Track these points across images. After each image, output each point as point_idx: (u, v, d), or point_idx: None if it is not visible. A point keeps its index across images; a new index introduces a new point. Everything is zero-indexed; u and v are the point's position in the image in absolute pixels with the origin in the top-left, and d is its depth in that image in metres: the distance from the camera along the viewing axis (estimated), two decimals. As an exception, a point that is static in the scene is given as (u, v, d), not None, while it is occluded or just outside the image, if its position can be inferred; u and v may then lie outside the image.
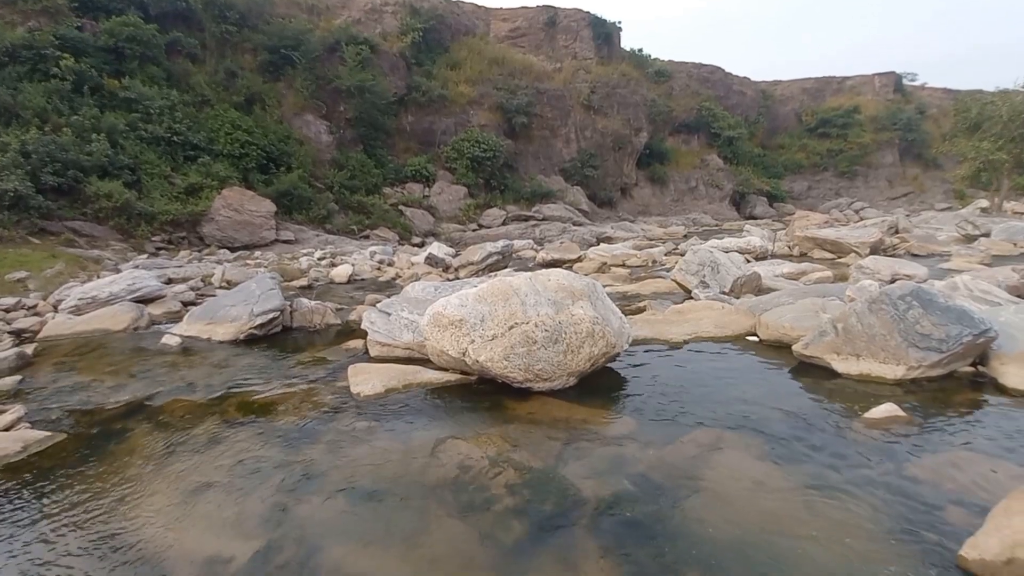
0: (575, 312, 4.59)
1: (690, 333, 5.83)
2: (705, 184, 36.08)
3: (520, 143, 30.12)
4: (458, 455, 3.53)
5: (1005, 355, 4.57)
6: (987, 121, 22.86)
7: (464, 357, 4.51)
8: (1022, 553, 2.33)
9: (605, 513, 2.88)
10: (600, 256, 12.82)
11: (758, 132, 42.42)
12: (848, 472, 3.17)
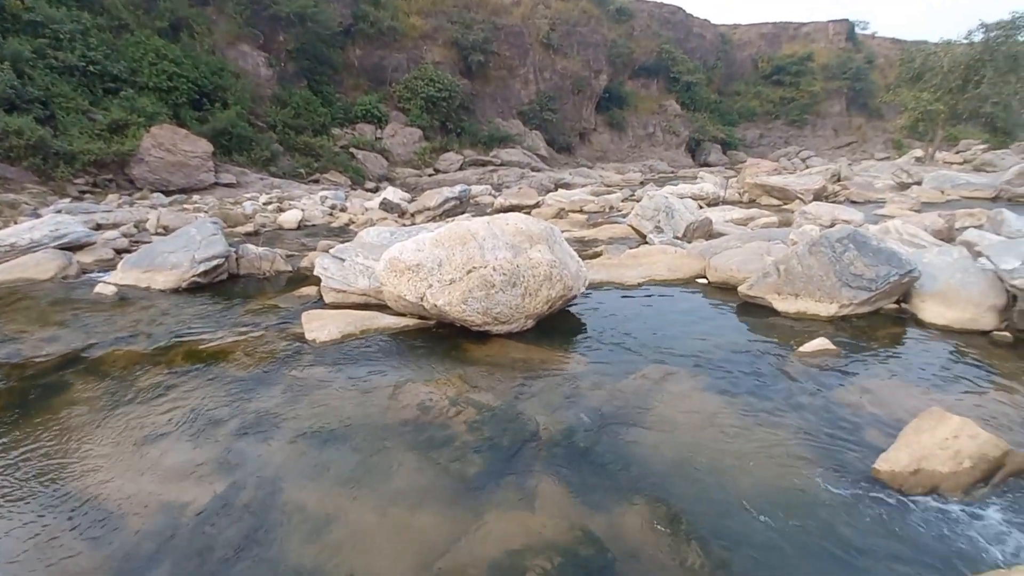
0: (533, 256, 4.60)
1: (644, 276, 6.00)
2: (663, 130, 36.14)
3: (477, 83, 28.88)
4: (418, 397, 3.57)
5: (925, 293, 4.98)
6: (929, 72, 23.70)
7: (422, 302, 4.48)
8: (926, 465, 2.65)
9: (561, 445, 3.02)
10: (558, 202, 12.79)
11: (716, 78, 42.40)
12: (782, 399, 3.45)
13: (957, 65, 22.55)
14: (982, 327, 4.54)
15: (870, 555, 2.24)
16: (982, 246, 5.53)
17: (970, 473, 2.62)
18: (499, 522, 2.48)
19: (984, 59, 21.79)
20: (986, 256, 5.03)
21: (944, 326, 4.61)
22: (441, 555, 2.27)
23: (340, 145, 23.05)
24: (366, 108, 25.24)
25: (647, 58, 37.35)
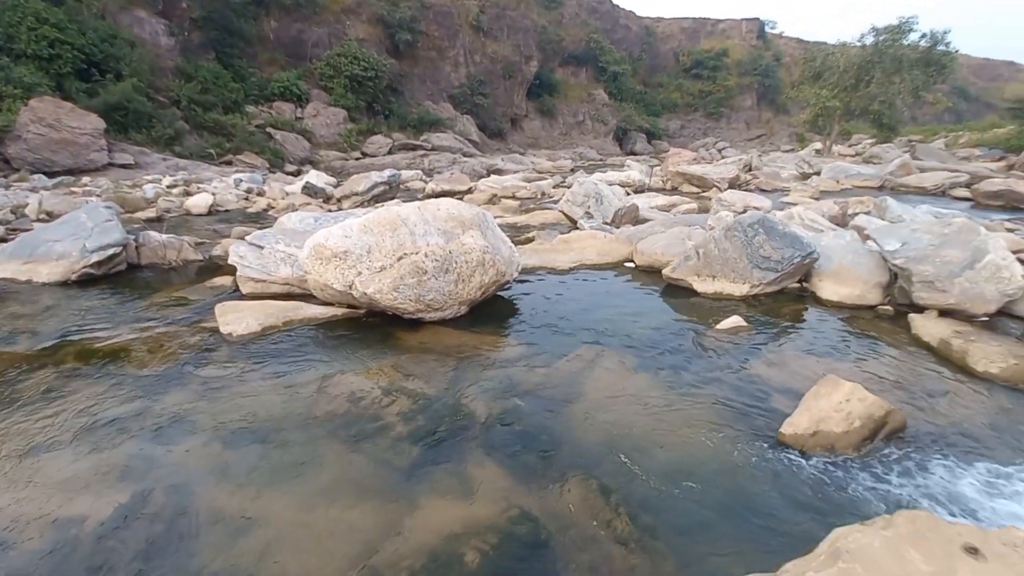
0: (465, 241, 4.55)
1: (575, 261, 6.14)
2: (591, 119, 37.00)
3: (405, 64, 27.94)
4: (348, 389, 3.44)
5: (823, 272, 5.49)
6: (827, 71, 25.92)
7: (350, 290, 4.30)
8: (823, 427, 2.94)
9: (497, 430, 3.04)
10: (491, 188, 12.75)
11: (640, 69, 43.91)
12: (700, 373, 3.68)
13: (851, 65, 24.84)
14: (869, 302, 5.09)
15: (776, 510, 2.45)
16: (869, 230, 6.17)
17: (860, 432, 2.94)
18: (436, 510, 2.45)
19: (874, 61, 24.17)
20: (873, 239, 5.63)
21: (838, 302, 5.12)
22: (376, 549, 2.21)
23: (255, 124, 21.45)
24: (284, 85, 23.63)
25: (576, 46, 37.93)
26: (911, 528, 1.65)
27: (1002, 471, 2.73)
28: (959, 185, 13.51)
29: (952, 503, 2.51)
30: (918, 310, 4.74)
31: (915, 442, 2.97)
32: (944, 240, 5.07)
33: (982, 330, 4.39)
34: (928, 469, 2.74)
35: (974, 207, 11.20)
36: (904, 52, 23.55)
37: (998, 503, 2.53)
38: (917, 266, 4.87)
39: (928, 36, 23.61)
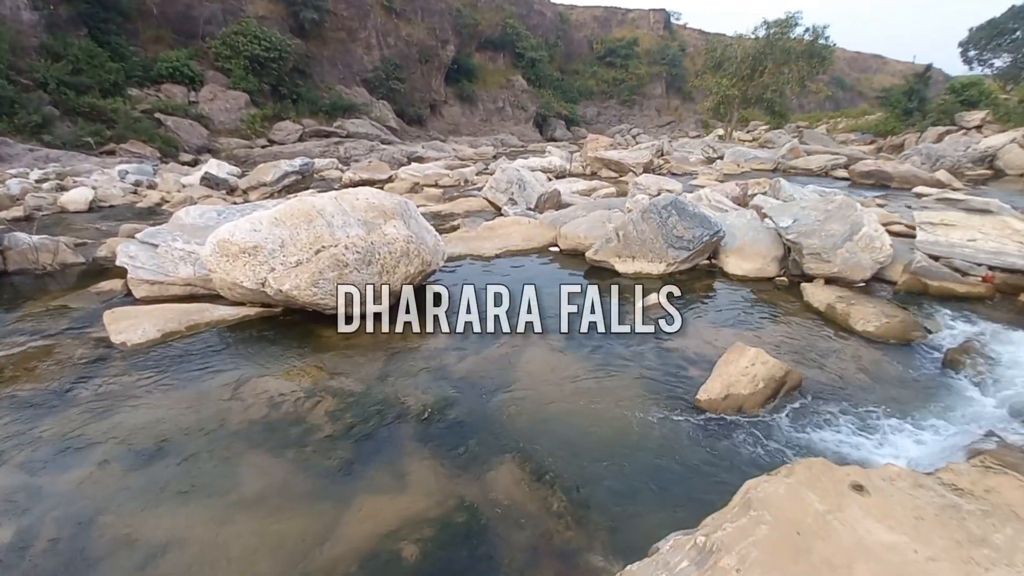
0: (388, 232, 4.40)
1: (501, 247, 6.16)
2: (512, 105, 37.09)
3: (313, 45, 26.29)
4: (267, 393, 3.22)
5: (729, 249, 5.92)
6: (727, 61, 27.81)
7: (264, 288, 4.02)
8: (733, 390, 3.19)
9: (430, 421, 3.00)
10: (412, 176, 12.42)
11: (557, 56, 44.55)
12: (625, 350, 3.85)
13: (747, 56, 26.82)
14: (768, 275, 5.58)
15: (697, 469, 2.64)
16: (766, 209, 6.74)
17: (764, 392, 3.22)
18: (370, 508, 2.38)
19: (766, 52, 26.25)
20: (769, 217, 6.16)
21: (742, 276, 5.56)
22: (306, 555, 2.11)
23: (141, 109, 19.26)
24: (173, 66, 21.34)
25: (492, 31, 37.69)
26: (808, 474, 1.84)
27: (880, 415, 3.12)
28: (839, 166, 15.13)
29: (842, 447, 2.84)
30: (808, 279, 5.28)
31: (810, 396, 3.31)
32: (828, 216, 5.66)
33: (860, 294, 4.97)
34: (821, 419, 3.08)
35: (851, 186, 12.60)
36: (791, 45, 25.82)
37: (878, 444, 2.89)
38: (806, 240, 5.40)
39: (811, 30, 26.03)
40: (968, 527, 1.72)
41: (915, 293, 5.19)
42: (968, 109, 22.04)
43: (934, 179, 12.51)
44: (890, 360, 3.85)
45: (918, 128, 22.64)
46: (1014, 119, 20.31)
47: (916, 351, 4.00)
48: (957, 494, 1.88)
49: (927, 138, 20.69)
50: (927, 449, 2.77)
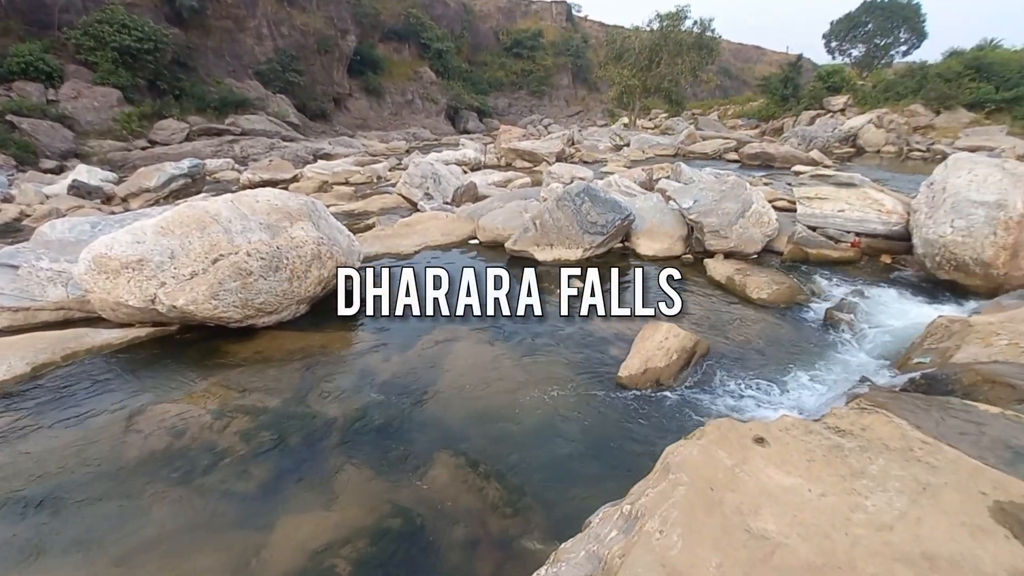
0: (295, 234, 4.14)
1: (420, 243, 6.04)
2: (421, 98, 36.32)
3: (194, 35, 23.99)
4: (167, 422, 2.92)
5: (639, 231, 6.25)
6: (626, 53, 29.16)
7: (155, 305, 3.63)
8: (651, 365, 3.37)
9: (356, 428, 2.88)
10: (319, 174, 11.78)
11: (464, 47, 44.21)
12: (549, 336, 3.95)
13: (644, 48, 28.29)
14: (675, 253, 5.95)
15: (623, 443, 2.77)
16: (670, 191, 7.17)
17: (678, 363, 3.44)
18: (297, 529, 2.25)
19: (661, 44, 27.83)
20: (673, 199, 6.57)
21: (653, 256, 5.89)
22: (227, 590, 1.96)
23: (-13, 110, 16.57)
24: (25, 60, 18.53)
25: (395, 21, 36.55)
26: (717, 433, 2.00)
27: (776, 372, 3.46)
28: (730, 150, 16.47)
29: (747, 405, 3.11)
30: (710, 255, 5.71)
31: (718, 363, 3.59)
32: (723, 195, 6.14)
33: (754, 265, 5.46)
34: (729, 382, 3.35)
35: (741, 167, 13.77)
36: (683, 37, 27.58)
37: (776, 397, 3.20)
38: (706, 219, 5.83)
39: (698, 23, 27.95)
40: (850, 462, 1.96)
41: (799, 261, 5.80)
42: (833, 94, 24.86)
43: (809, 158, 14.01)
44: (781, 322, 4.27)
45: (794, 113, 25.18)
46: (870, 102, 23.23)
47: (802, 312, 4.48)
48: (840, 435, 2.13)
49: (802, 121, 23.10)
50: (815, 398, 3.12)
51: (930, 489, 1.80)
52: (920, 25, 30.72)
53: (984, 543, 1.59)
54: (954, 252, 4.81)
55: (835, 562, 1.51)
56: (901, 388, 2.92)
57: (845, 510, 1.72)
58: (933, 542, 1.59)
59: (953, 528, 1.64)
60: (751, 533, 1.60)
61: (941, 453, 2.01)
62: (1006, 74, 20.77)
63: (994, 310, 3.95)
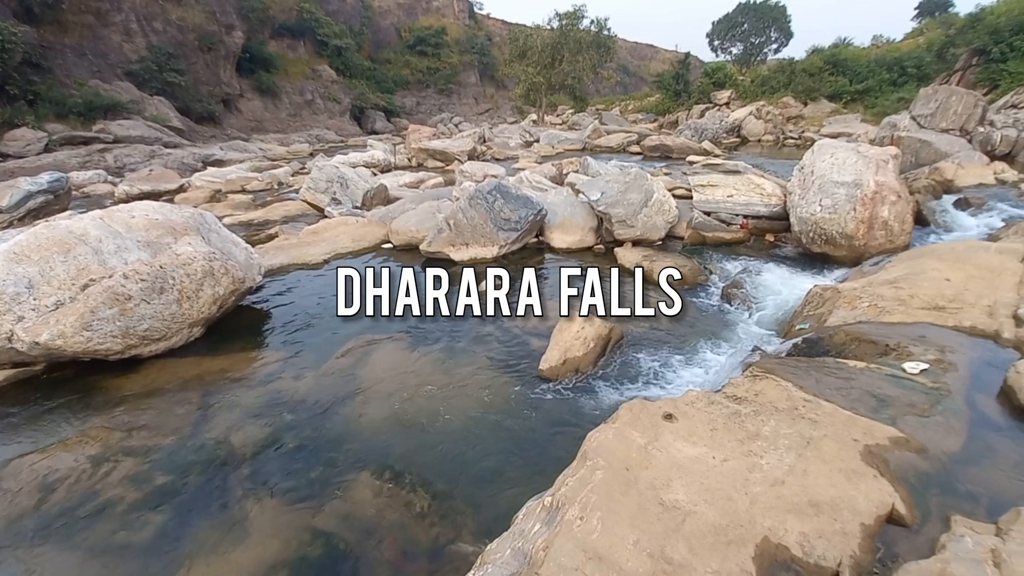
0: (181, 251, 3.77)
1: (329, 251, 5.74)
2: (322, 97, 34.55)
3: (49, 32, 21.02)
4: (39, 475, 2.54)
5: (552, 225, 6.39)
6: (529, 51, 29.68)
7: (12, 343, 3.14)
8: (569, 355, 3.46)
9: (267, 456, 2.68)
10: (211, 183, 10.81)
11: (365, 44, 42.64)
12: (468, 335, 3.93)
13: (546, 46, 28.94)
14: (587, 244, 6.17)
15: (548, 435, 2.82)
16: (579, 185, 7.40)
17: (595, 351, 3.57)
18: (203, 574, 2.05)
19: (561, 42, 28.64)
20: (582, 192, 6.79)
21: (566, 248, 6.07)
22: (121, 657, 1.74)
23: None
24: None
25: (286, 16, 34.36)
26: (630, 414, 2.09)
27: (683, 350, 3.70)
28: (633, 143, 17.37)
29: (659, 383, 3.29)
30: (619, 244, 5.98)
31: (632, 346, 3.77)
32: (627, 187, 6.45)
33: (659, 251, 5.80)
34: (642, 363, 3.53)
35: (643, 159, 14.59)
36: (581, 35, 28.59)
37: (684, 374, 3.42)
38: (613, 209, 6.09)
39: (595, 22, 29.13)
40: (746, 427, 2.14)
41: (698, 244, 6.25)
42: (718, 89, 27.05)
43: (701, 148, 15.16)
44: (687, 302, 4.57)
45: (686, 107, 27.10)
46: (750, 96, 25.56)
47: (702, 291, 4.83)
48: (737, 403, 2.32)
49: (694, 115, 24.92)
50: (717, 370, 3.37)
51: (813, 442, 2.01)
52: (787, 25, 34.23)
53: (858, 485, 1.81)
54: (823, 227, 5.42)
55: (737, 521, 1.64)
56: (787, 353, 3.25)
57: (744, 471, 1.87)
58: (817, 490, 1.77)
59: (833, 475, 1.85)
60: (664, 505, 1.70)
61: (820, 408, 2.26)
62: (857, 69, 23.81)
63: (857, 276, 4.52)
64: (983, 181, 7.92)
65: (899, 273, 3.97)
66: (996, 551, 1.44)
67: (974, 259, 4.05)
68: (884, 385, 2.48)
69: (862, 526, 1.64)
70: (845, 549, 1.56)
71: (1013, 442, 2.15)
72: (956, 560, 1.43)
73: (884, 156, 5.74)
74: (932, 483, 1.88)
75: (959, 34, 21.04)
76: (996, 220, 6.22)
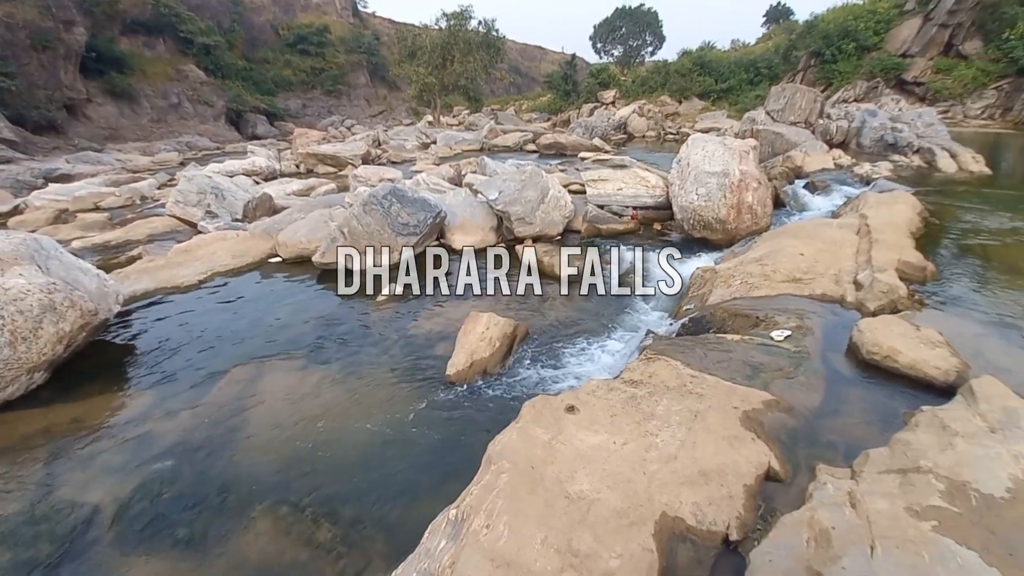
0: (11, 284, 3.17)
1: (205, 271, 5.17)
2: (191, 100, 31.24)
3: None
4: None
5: (453, 227, 6.32)
6: (419, 51, 29.22)
7: None
8: (476, 357, 3.42)
9: (137, 511, 2.34)
10: (54, 201, 9.28)
11: (237, 42, 39.29)
12: (370, 348, 3.74)
13: (436, 46, 28.67)
14: (489, 243, 6.18)
15: (458, 442, 2.76)
16: (477, 185, 7.40)
17: (501, 351, 3.57)
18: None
19: (451, 42, 28.53)
20: (480, 192, 6.79)
21: (469, 249, 6.02)
22: None
23: None
24: None
25: (139, 11, 30.53)
26: (533, 412, 2.10)
27: (585, 340, 3.82)
28: (529, 141, 17.77)
29: (565, 376, 3.36)
30: (520, 241, 6.06)
31: (537, 342, 3.83)
32: (524, 185, 6.55)
33: (558, 246, 5.96)
34: (547, 359, 3.59)
35: (539, 157, 14.97)
36: (470, 36, 28.72)
37: (588, 363, 3.54)
38: (511, 208, 6.16)
39: (483, 23, 29.40)
40: (642, 408, 2.24)
41: (594, 236, 6.53)
42: (604, 89, 28.62)
43: (592, 145, 15.91)
44: (585, 294, 4.75)
45: (576, 106, 28.36)
46: (632, 95, 27.36)
47: (602, 281, 5.04)
48: (633, 386, 2.43)
49: (583, 113, 26.13)
50: (617, 356, 3.52)
51: (700, 415, 2.16)
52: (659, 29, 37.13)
53: (739, 449, 1.96)
54: (701, 214, 5.92)
55: (637, 502, 1.70)
56: (677, 334, 3.48)
57: (642, 452, 1.95)
58: (706, 460, 1.90)
59: (718, 443, 1.99)
60: (570, 498, 1.72)
61: (705, 382, 2.43)
62: (721, 70, 26.47)
63: (730, 257, 4.99)
64: (825, 166, 9.14)
65: (763, 251, 4.43)
66: (852, 493, 1.64)
67: (821, 235, 4.64)
68: (756, 354, 2.75)
69: (745, 487, 1.78)
70: (732, 512, 1.69)
71: (860, 391, 2.48)
72: (821, 507, 1.60)
73: (745, 147, 6.40)
74: (799, 438, 2.11)
75: (799, 39, 24.27)
76: (837, 199, 7.21)
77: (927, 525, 1.44)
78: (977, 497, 1.53)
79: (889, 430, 2.05)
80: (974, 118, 19.44)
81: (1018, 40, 18.55)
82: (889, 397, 2.41)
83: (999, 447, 1.73)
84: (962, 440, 1.79)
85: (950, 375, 2.40)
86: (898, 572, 1.31)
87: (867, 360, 2.62)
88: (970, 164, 9.24)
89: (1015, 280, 3.86)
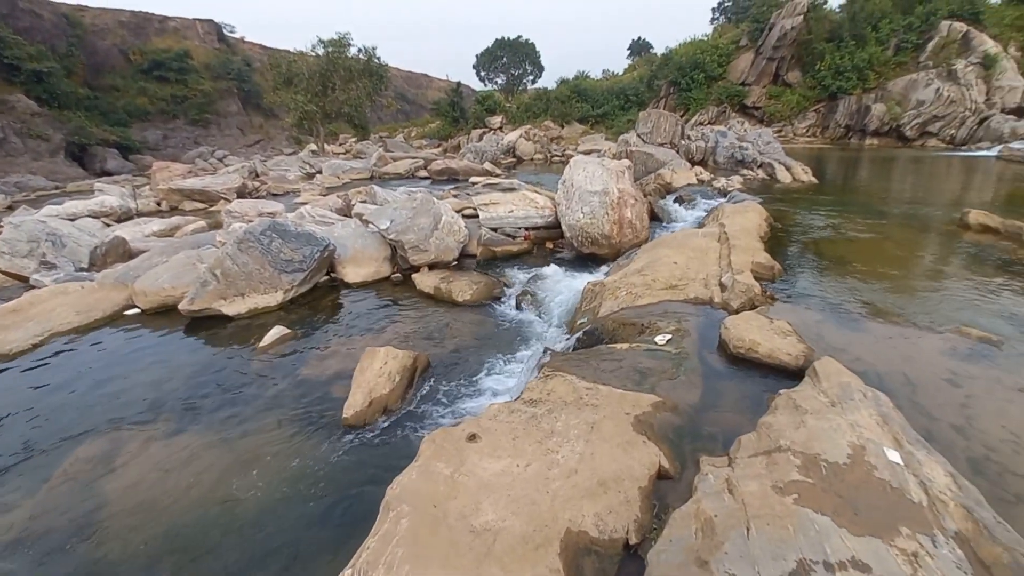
0: None
1: (40, 333, 4.37)
2: (19, 135, 26.85)
3: None
4: None
5: (344, 260, 6.04)
6: (296, 77, 27.93)
7: None
8: (375, 395, 3.26)
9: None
10: None
11: (78, 68, 34.71)
12: (254, 401, 3.41)
13: (314, 73, 27.62)
14: (384, 274, 6.00)
15: (359, 491, 2.59)
16: (367, 215, 7.18)
17: (401, 385, 3.44)
18: None
19: (330, 69, 27.68)
20: (371, 222, 6.59)
21: (362, 282, 5.79)
22: None
23: None
24: None
25: (-57, 32, 25.80)
26: (432, 447, 2.04)
27: (487, 365, 3.82)
28: (420, 168, 17.70)
29: (467, 405, 3.32)
30: (416, 270, 5.96)
31: (439, 371, 3.75)
32: (416, 212, 6.48)
33: (455, 271, 5.95)
34: (449, 389, 3.52)
35: (432, 183, 14.96)
36: (351, 63, 28.14)
37: (491, 386, 3.53)
38: (404, 236, 6.05)
39: (363, 51, 29.00)
40: (543, 427, 2.27)
41: (490, 259, 6.62)
42: (491, 115, 29.57)
43: (484, 169, 16.27)
44: (485, 317, 4.77)
45: (465, 131, 28.92)
46: (517, 120, 28.55)
47: (499, 304, 5.10)
48: (533, 405, 2.46)
49: (473, 138, 26.69)
50: (518, 378, 3.56)
51: (596, 426, 2.24)
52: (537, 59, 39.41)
53: (632, 453, 2.06)
54: (588, 231, 6.27)
55: (543, 523, 1.71)
56: (573, 348, 3.61)
57: (544, 471, 1.97)
58: (603, 469, 1.96)
59: (614, 451, 2.08)
60: (475, 532, 1.67)
61: (599, 393, 2.54)
62: (596, 97, 28.69)
63: (616, 270, 5.33)
64: (690, 182, 10.22)
65: (644, 263, 4.80)
66: (729, 479, 1.79)
67: (690, 244, 5.15)
68: (644, 359, 2.93)
69: (640, 490, 1.87)
70: (630, 516, 1.75)
71: (732, 383, 2.74)
72: (705, 497, 1.72)
73: (621, 167, 6.94)
74: (685, 434, 2.27)
75: (659, 69, 27.17)
76: (701, 211, 8.07)
77: (789, 499, 1.61)
78: (826, 466, 1.75)
79: (757, 415, 2.28)
80: (801, 136, 23.12)
81: (827, 71, 22.55)
82: (756, 385, 2.69)
83: (839, 419, 2.00)
84: (811, 416, 2.04)
85: (799, 359, 2.75)
86: (770, 547, 1.44)
87: (735, 354, 2.92)
88: (801, 175, 10.92)
89: (842, 269, 4.57)
